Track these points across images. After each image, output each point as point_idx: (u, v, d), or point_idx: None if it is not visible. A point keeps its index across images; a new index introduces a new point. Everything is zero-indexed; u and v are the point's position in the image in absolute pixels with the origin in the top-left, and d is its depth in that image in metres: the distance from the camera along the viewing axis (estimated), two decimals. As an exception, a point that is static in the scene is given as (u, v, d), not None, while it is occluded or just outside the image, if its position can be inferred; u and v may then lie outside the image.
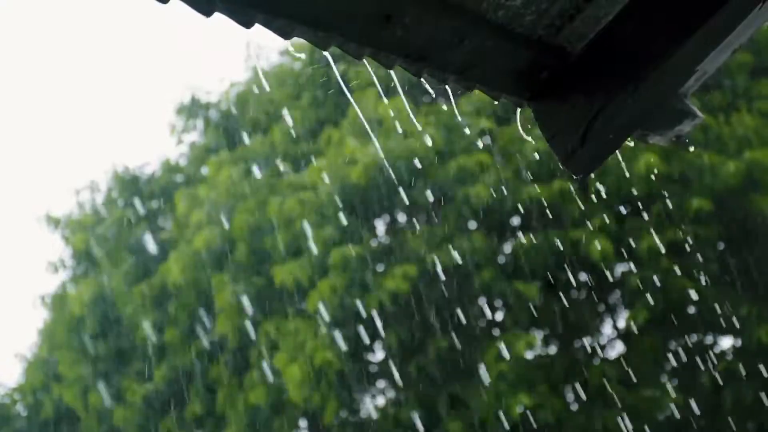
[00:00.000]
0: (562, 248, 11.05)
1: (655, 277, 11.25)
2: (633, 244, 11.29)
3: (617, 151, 2.39)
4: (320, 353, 11.30)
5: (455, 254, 11.09)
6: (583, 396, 11.59)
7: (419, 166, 11.37)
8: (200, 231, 12.72)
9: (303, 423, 12.78)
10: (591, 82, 2.25)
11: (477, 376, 11.28)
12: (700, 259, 11.44)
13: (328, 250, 11.59)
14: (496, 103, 2.30)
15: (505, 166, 11.53)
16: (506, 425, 10.97)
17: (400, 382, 11.85)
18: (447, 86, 2.15)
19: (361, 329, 11.48)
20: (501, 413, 11.00)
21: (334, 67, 12.98)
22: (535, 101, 2.27)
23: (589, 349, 12.19)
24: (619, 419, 11.26)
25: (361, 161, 11.61)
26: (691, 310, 11.78)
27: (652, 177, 11.15)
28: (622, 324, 12.34)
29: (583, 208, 11.34)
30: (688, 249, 11.16)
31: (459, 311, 11.36)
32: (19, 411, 16.41)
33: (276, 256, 12.12)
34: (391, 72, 2.07)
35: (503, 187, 11.27)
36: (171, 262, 13.08)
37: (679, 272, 11.20)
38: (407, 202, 11.58)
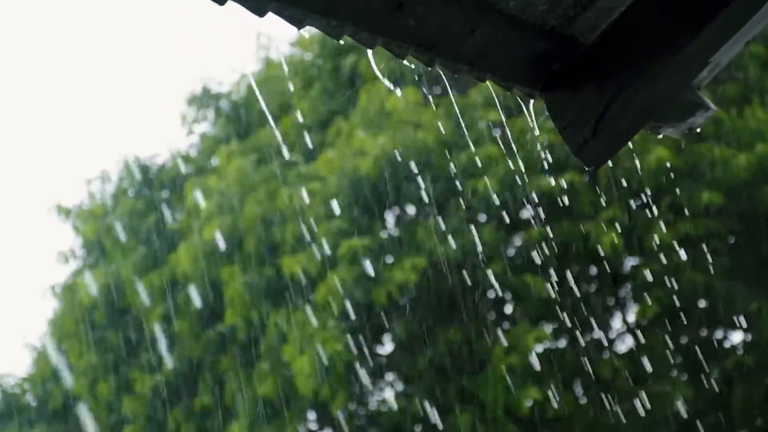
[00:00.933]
0: (572, 241, 11.06)
1: (665, 271, 11.23)
2: (643, 238, 11.28)
3: (629, 143, 2.38)
4: (329, 345, 11.30)
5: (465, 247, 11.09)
6: (593, 390, 11.59)
7: (429, 157, 11.37)
8: (210, 221, 12.74)
9: (312, 415, 12.80)
10: (603, 73, 2.24)
11: (486, 369, 11.28)
12: (711, 252, 11.42)
13: (337, 242, 11.59)
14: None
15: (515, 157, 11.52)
16: (515, 418, 10.97)
17: (408, 375, 11.86)
18: (458, 76, 2.15)
19: (370, 321, 11.48)
20: (510, 406, 11.01)
21: (349, 58, 12.98)
22: (547, 92, 2.26)
23: (598, 343, 12.18)
24: (629, 414, 11.25)
25: (371, 153, 11.60)
26: (702, 304, 11.76)
27: (664, 170, 11.13)
28: (632, 318, 12.32)
29: (593, 200, 11.33)
30: (699, 243, 11.14)
31: (468, 304, 11.36)
32: (29, 401, 16.46)
33: (285, 247, 12.13)
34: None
35: (514, 179, 11.26)
36: (181, 253, 13.10)
37: (689, 266, 11.19)
38: (417, 194, 11.58)
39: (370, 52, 1.98)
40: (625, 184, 11.25)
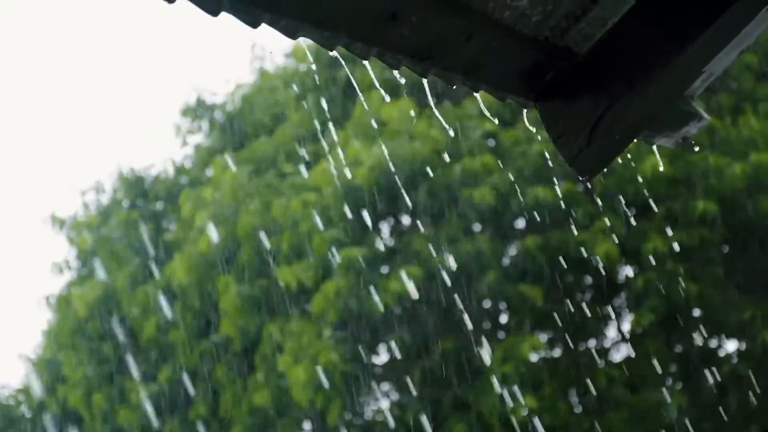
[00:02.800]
0: (566, 250, 11.06)
1: (659, 280, 11.23)
2: (638, 247, 11.28)
3: (623, 153, 2.39)
4: (324, 355, 11.29)
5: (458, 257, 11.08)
6: (588, 398, 11.58)
7: (424, 168, 11.36)
8: (205, 232, 12.72)
9: (307, 425, 12.78)
10: (597, 83, 2.25)
11: (482, 378, 11.27)
12: (705, 261, 11.42)
13: (332, 252, 11.58)
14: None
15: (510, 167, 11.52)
16: (511, 428, 10.95)
17: (404, 385, 11.85)
18: (453, 87, 2.15)
19: (366, 331, 11.47)
20: (506, 415, 10.99)
21: (345, 68, 12.99)
22: (541, 102, 2.27)
23: (593, 352, 12.17)
24: (624, 423, 11.24)
25: (365, 163, 11.60)
26: (696, 313, 11.76)
27: (658, 179, 11.14)
28: (626, 327, 12.32)
29: (588, 210, 11.34)
30: (693, 251, 11.14)
31: (464, 313, 11.35)
32: (24, 412, 16.42)
33: (280, 257, 12.11)
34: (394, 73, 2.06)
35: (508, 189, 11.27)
36: (176, 263, 13.08)
37: (684, 275, 11.19)
38: (412, 204, 11.57)
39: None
40: (620, 193, 11.26)
